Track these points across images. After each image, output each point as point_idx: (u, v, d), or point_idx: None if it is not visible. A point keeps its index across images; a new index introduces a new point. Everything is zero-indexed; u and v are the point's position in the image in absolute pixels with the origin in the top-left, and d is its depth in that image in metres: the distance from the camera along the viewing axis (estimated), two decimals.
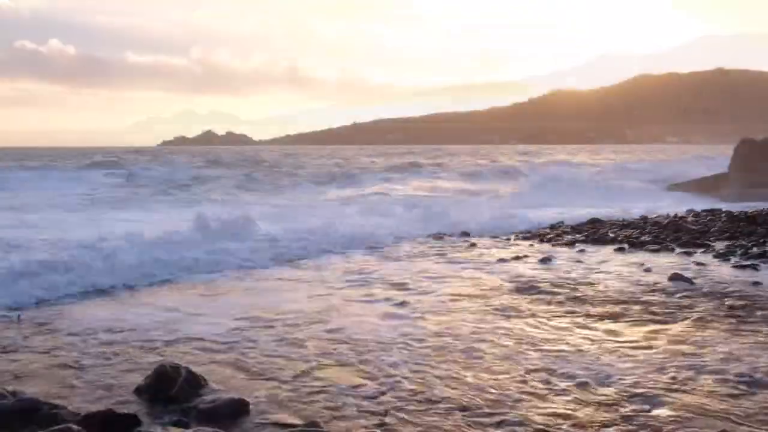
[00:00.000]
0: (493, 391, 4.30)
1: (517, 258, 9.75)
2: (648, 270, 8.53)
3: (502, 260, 9.60)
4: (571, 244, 11.29)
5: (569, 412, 3.94)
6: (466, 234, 12.78)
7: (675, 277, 7.84)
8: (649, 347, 5.19)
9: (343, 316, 6.35)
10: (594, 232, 12.47)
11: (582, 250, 10.47)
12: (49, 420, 3.66)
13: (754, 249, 9.84)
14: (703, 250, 10.19)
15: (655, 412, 3.92)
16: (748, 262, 8.87)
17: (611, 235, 12.07)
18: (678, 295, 7.02)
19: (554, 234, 12.62)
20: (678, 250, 10.28)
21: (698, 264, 8.97)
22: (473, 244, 11.39)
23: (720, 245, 10.52)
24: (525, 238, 12.32)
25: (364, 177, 32.95)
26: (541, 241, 11.85)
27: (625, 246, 10.77)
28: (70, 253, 8.44)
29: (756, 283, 7.59)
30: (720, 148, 53.16)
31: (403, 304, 6.85)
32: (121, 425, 3.66)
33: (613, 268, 8.76)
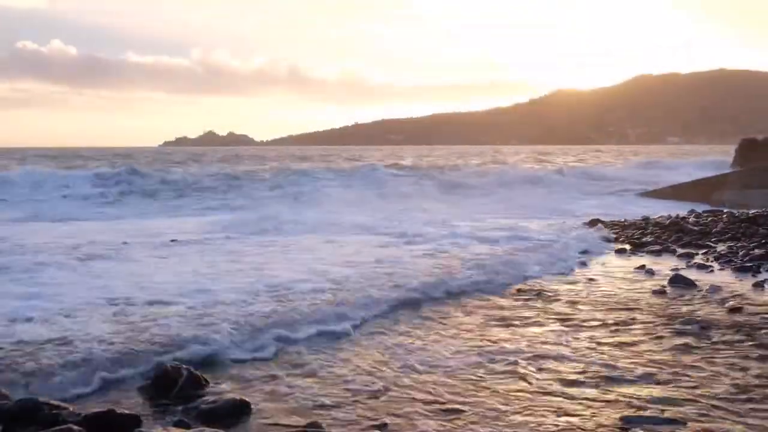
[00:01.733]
0: (478, 395, 4.30)
1: None
2: (649, 272, 8.51)
3: None
4: None
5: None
6: None
7: (676, 280, 7.79)
8: (648, 351, 5.18)
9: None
10: None
11: (584, 251, 10.43)
12: (51, 420, 3.65)
13: (756, 250, 9.80)
14: (704, 251, 10.17)
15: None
16: (750, 264, 8.84)
17: (613, 235, 12.05)
18: (679, 299, 6.99)
19: None
20: (680, 251, 10.25)
21: (700, 266, 8.95)
22: None
23: (722, 247, 10.49)
24: None
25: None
26: None
27: (627, 247, 10.75)
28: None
29: (757, 285, 7.57)
30: (724, 148, 52.86)
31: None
32: (122, 425, 3.65)
33: (613, 271, 8.74)
